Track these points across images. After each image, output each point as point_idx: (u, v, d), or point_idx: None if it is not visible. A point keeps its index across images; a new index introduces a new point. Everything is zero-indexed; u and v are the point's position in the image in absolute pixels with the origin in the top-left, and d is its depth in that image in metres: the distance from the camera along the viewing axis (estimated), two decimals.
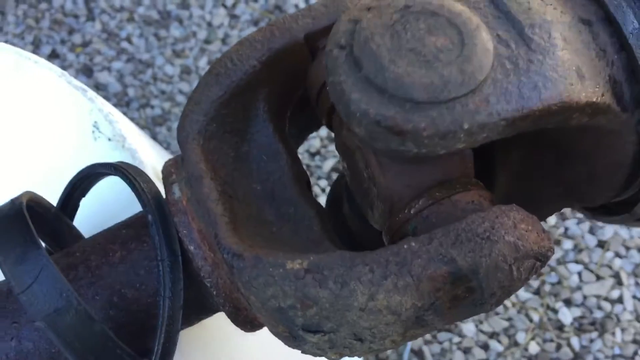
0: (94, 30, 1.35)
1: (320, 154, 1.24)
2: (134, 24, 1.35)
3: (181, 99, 1.28)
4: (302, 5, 1.35)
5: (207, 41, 1.32)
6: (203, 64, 1.30)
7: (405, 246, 0.24)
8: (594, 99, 0.25)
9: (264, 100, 0.29)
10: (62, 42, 1.34)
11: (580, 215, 1.16)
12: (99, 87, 1.30)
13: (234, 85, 0.28)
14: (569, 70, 0.24)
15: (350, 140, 0.25)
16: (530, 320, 1.08)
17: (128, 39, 1.34)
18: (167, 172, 0.30)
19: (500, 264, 0.23)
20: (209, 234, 0.28)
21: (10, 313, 0.29)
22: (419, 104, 0.22)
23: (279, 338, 0.27)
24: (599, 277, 1.11)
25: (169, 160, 0.31)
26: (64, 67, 1.30)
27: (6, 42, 0.44)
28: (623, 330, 1.06)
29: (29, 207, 0.30)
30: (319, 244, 0.28)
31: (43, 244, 0.28)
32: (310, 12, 0.29)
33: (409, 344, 1.06)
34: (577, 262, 1.12)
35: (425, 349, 1.07)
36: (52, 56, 1.32)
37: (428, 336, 1.08)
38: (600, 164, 0.29)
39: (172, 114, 1.27)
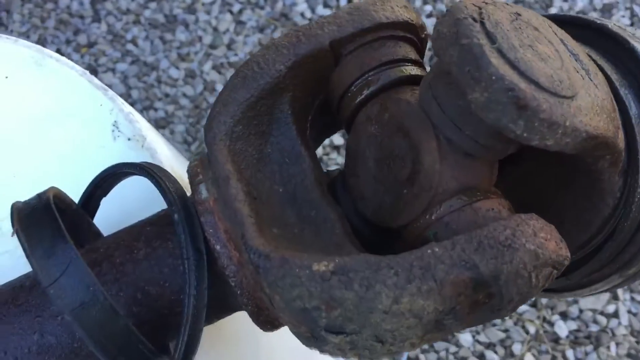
0: (99, 32, 1.35)
1: (322, 161, 1.24)
2: (140, 26, 1.35)
3: (185, 102, 1.28)
4: (308, 13, 1.35)
5: (213, 46, 1.32)
6: (207, 68, 1.30)
7: (429, 251, 0.24)
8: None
9: (287, 104, 0.30)
10: (68, 42, 1.34)
11: None
12: None
13: (260, 89, 0.29)
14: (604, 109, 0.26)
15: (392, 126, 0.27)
16: (527, 332, 1.08)
17: (133, 41, 1.34)
18: (194, 172, 0.30)
19: (521, 271, 0.24)
20: (236, 234, 0.28)
21: (33, 307, 0.29)
22: (543, 89, 0.23)
23: (299, 338, 0.27)
24: None
25: (194, 160, 0.31)
26: None
27: None
28: (618, 344, 1.07)
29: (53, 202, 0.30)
30: (341, 247, 0.28)
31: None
32: (335, 19, 0.29)
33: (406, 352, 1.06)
34: None
35: (422, 357, 1.07)
36: None
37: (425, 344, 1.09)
38: (587, 194, 0.30)
39: (175, 117, 1.26)
